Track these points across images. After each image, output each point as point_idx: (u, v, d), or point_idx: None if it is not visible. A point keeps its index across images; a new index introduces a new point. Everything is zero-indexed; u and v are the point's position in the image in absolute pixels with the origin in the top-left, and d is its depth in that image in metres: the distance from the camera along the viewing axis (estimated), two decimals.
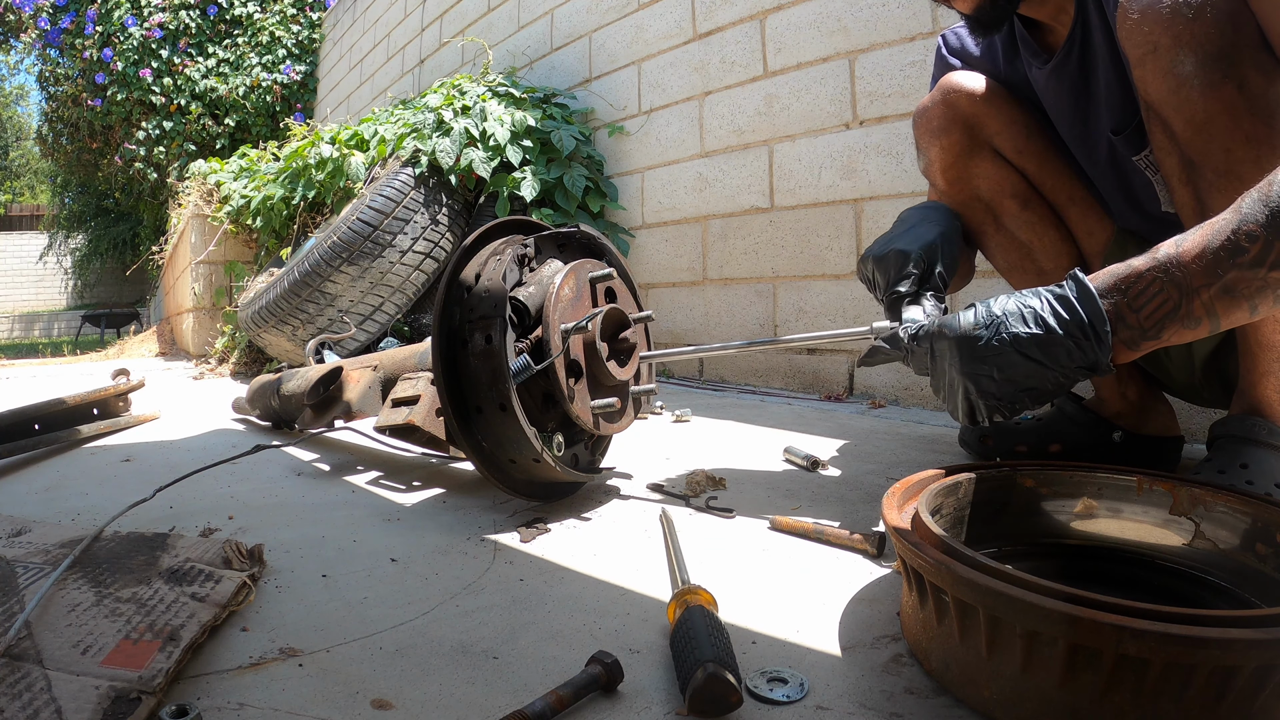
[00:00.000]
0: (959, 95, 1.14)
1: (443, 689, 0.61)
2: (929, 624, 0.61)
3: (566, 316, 1.00)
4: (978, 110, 1.14)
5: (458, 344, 0.98)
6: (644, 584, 0.81)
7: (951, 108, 1.15)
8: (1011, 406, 0.77)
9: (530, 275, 1.04)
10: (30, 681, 0.56)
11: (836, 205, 2.05)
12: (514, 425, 0.95)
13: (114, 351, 5.22)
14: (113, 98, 6.91)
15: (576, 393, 1.00)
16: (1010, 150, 1.15)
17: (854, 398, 2.00)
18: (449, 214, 2.65)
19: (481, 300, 0.97)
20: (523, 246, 1.03)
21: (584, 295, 1.04)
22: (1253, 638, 0.47)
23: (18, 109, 19.33)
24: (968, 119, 1.14)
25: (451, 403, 0.98)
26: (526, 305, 1.00)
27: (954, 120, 1.15)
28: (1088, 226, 1.16)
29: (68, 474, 1.37)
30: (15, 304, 14.32)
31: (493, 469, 1.01)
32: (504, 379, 0.93)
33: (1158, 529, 0.74)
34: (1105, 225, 1.16)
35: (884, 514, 0.68)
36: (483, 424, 0.99)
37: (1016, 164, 1.16)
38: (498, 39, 3.52)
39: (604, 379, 1.04)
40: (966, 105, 1.14)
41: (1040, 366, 0.73)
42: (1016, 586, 0.52)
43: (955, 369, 0.78)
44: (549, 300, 0.98)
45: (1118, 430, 1.22)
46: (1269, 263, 0.65)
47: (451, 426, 1.00)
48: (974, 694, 0.56)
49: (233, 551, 0.81)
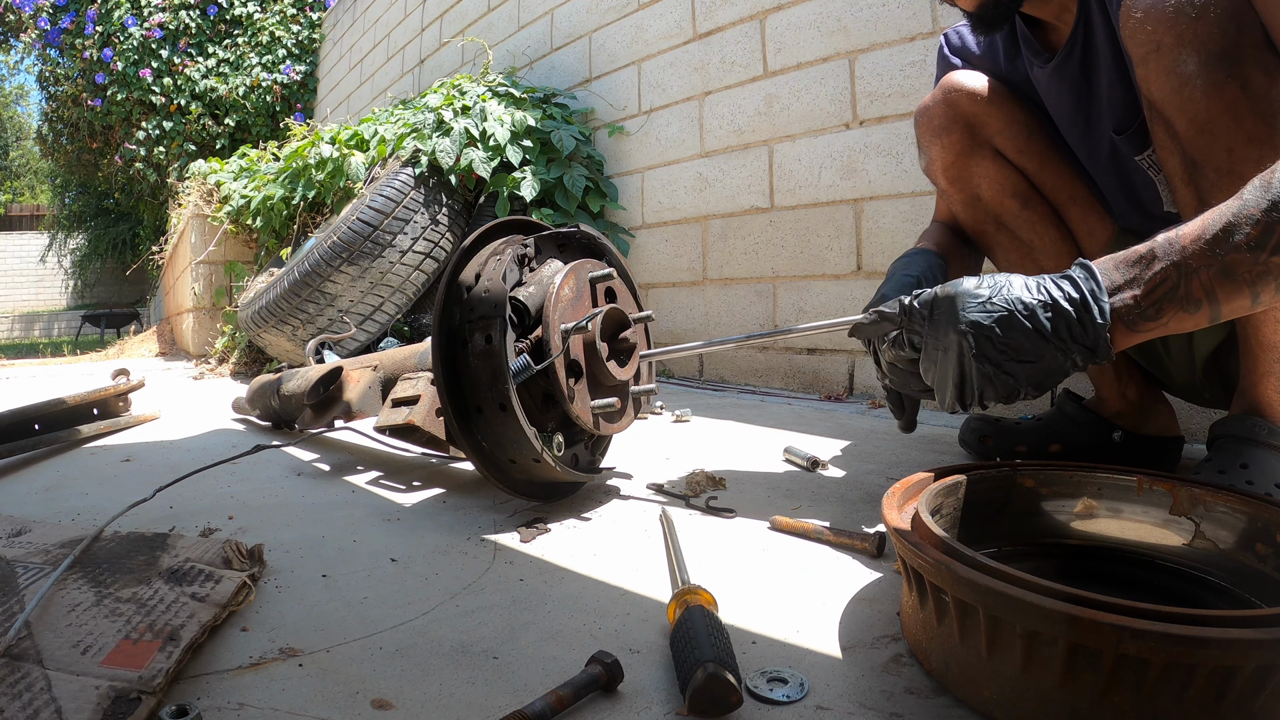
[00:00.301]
0: (960, 94, 1.14)
1: (443, 689, 0.61)
2: (929, 624, 0.61)
3: (566, 316, 1.00)
4: (979, 109, 1.13)
5: (458, 344, 0.98)
6: (644, 584, 0.81)
7: (952, 107, 1.15)
8: (1008, 386, 0.71)
9: (530, 275, 1.04)
10: (30, 681, 0.56)
11: (836, 205, 2.05)
12: (514, 425, 0.95)
13: (114, 351, 5.22)
14: (113, 98, 6.91)
15: (576, 393, 1.00)
16: (1011, 150, 1.15)
17: (854, 398, 2.00)
18: (449, 214, 2.65)
19: (481, 300, 0.97)
20: (523, 246, 1.03)
21: (584, 295, 1.04)
22: (1253, 638, 0.47)
23: (18, 109, 19.34)
24: (968, 118, 1.14)
25: (451, 403, 0.98)
26: (526, 305, 1.00)
27: (955, 119, 1.15)
28: (1088, 226, 1.16)
29: (68, 474, 1.37)
30: (15, 304, 14.32)
31: (493, 469, 1.01)
32: (504, 379, 0.93)
33: (1158, 529, 0.74)
34: (1106, 225, 1.16)
35: (884, 514, 0.68)
36: (483, 424, 0.99)
37: (1017, 164, 1.15)
38: (498, 39, 3.52)
39: (604, 379, 1.04)
40: (967, 104, 1.14)
41: (1040, 338, 0.69)
42: (1016, 586, 0.52)
43: (954, 328, 0.71)
44: (549, 300, 0.98)
45: (1118, 430, 1.22)
46: (1270, 247, 0.64)
47: (451, 426, 1.00)
48: (974, 694, 0.56)
49: (233, 551, 0.81)
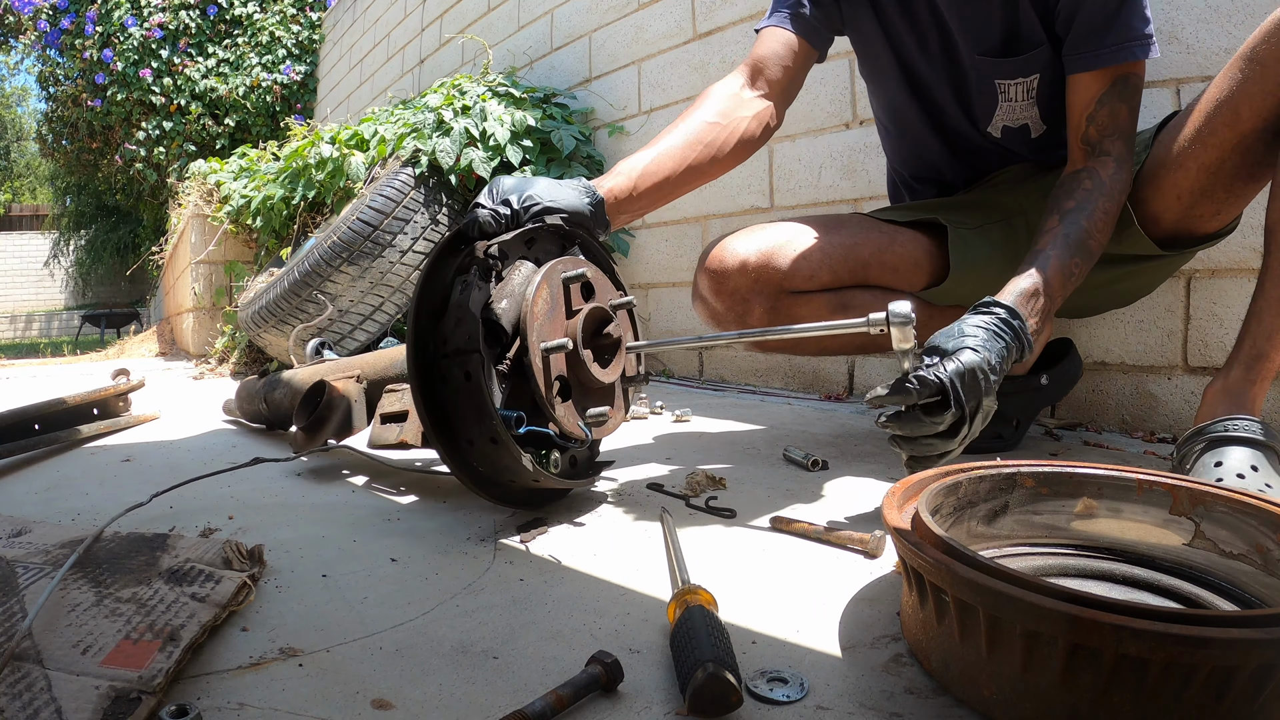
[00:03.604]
0: (769, 270, 1.22)
1: (443, 689, 0.61)
2: (929, 624, 0.61)
3: (545, 332, 0.95)
4: (786, 273, 1.23)
5: (436, 379, 0.94)
6: (644, 584, 0.81)
7: (759, 281, 1.23)
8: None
9: (500, 287, 0.97)
10: (30, 681, 0.56)
11: (836, 205, 2.05)
12: (507, 455, 0.92)
13: (114, 351, 5.21)
14: (113, 98, 6.90)
15: (566, 410, 0.97)
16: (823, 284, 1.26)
17: (854, 398, 2.00)
18: (449, 214, 2.65)
19: (453, 333, 0.92)
20: (489, 258, 0.94)
21: (559, 304, 0.99)
22: (1253, 637, 0.47)
23: (18, 109, 19.33)
24: (777, 284, 1.23)
25: (440, 439, 0.95)
26: (501, 323, 0.94)
27: (760, 292, 1.23)
28: (910, 280, 1.29)
29: (68, 474, 1.37)
30: (15, 304, 14.33)
31: (490, 488, 0.99)
32: (490, 415, 0.89)
33: (1157, 529, 0.74)
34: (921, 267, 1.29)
35: (884, 514, 0.68)
36: (475, 454, 0.96)
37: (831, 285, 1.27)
38: (498, 39, 3.52)
39: (591, 384, 1.01)
40: (775, 276, 1.22)
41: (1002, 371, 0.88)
42: (1016, 586, 0.53)
43: (986, 398, 0.85)
44: (525, 318, 0.93)
45: (1042, 374, 1.40)
46: (1081, 274, 1.04)
47: (446, 461, 0.97)
48: (974, 693, 0.56)
49: (233, 552, 0.81)
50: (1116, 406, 1.54)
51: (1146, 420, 1.50)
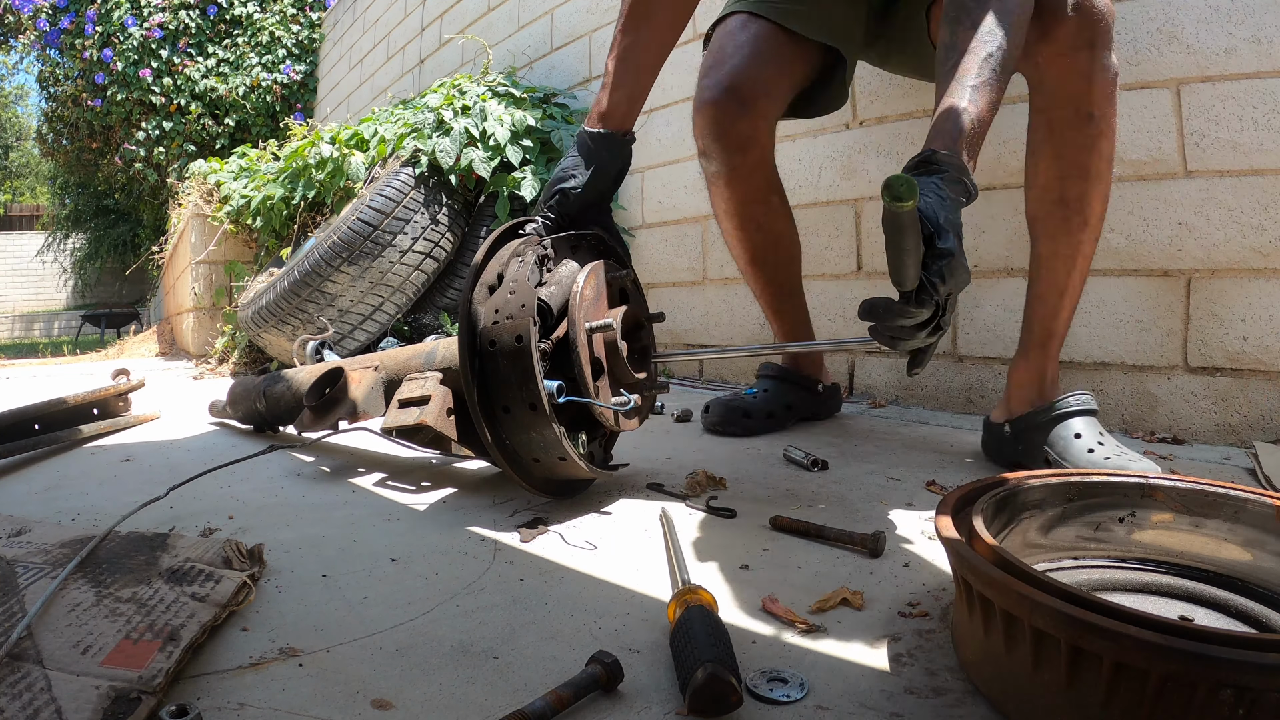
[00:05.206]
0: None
1: (443, 689, 0.61)
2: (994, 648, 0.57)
3: (590, 315, 1.01)
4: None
5: (485, 344, 0.99)
6: (644, 584, 0.81)
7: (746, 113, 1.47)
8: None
9: (549, 276, 1.05)
10: (30, 681, 0.56)
11: (836, 205, 2.05)
12: (543, 424, 0.95)
13: (114, 351, 5.21)
14: (113, 98, 6.90)
15: (600, 390, 1.01)
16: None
17: (854, 398, 2.00)
18: (449, 214, 2.65)
19: (508, 301, 0.98)
20: (542, 248, 1.04)
21: (603, 295, 1.06)
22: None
23: (17, 109, 19.33)
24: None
25: (481, 404, 0.99)
26: (549, 305, 1.01)
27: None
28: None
29: (68, 474, 1.37)
30: (15, 304, 14.33)
31: (517, 466, 1.02)
32: (533, 379, 0.94)
33: (1235, 546, 0.70)
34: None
35: (937, 525, 0.65)
36: (509, 424, 0.99)
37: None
38: (498, 39, 3.52)
39: (624, 377, 1.06)
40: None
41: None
42: (1097, 613, 0.50)
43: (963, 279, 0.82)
44: (574, 299, 1.00)
45: (819, 384, 1.62)
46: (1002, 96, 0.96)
47: (480, 427, 1.00)
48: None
49: (233, 551, 0.81)
50: (1116, 406, 1.54)
51: (1147, 420, 1.50)
